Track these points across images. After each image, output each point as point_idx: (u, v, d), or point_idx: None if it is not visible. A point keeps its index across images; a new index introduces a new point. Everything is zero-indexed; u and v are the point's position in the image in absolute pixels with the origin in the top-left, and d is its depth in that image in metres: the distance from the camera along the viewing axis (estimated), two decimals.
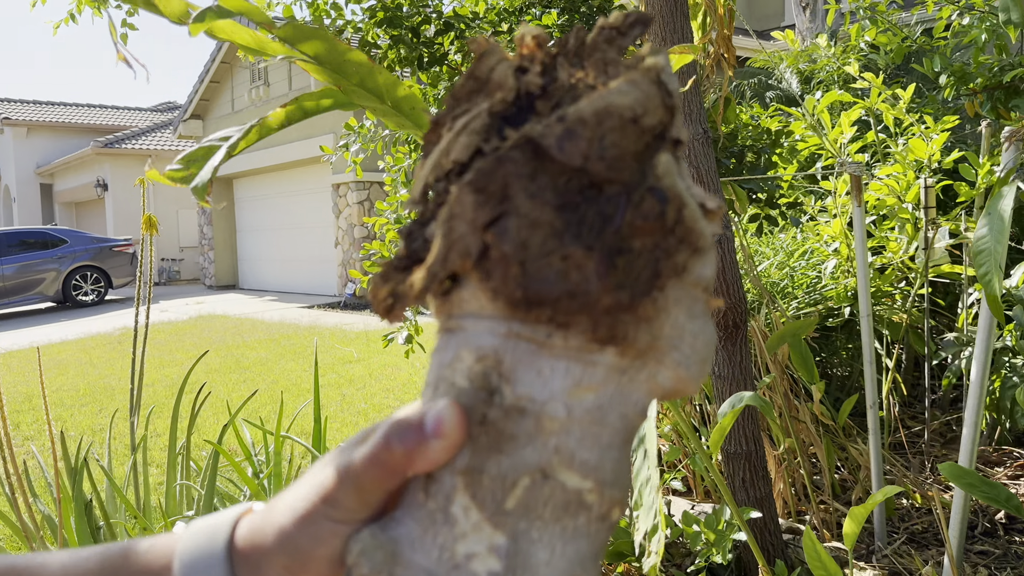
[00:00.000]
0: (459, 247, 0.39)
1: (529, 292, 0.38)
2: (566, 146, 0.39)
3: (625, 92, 0.40)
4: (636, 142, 0.40)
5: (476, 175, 0.40)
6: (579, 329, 0.39)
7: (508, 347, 0.40)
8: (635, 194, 0.39)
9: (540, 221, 0.39)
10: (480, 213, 0.39)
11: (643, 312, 0.39)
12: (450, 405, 0.40)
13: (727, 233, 1.73)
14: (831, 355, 2.96)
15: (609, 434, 0.41)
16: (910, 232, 2.72)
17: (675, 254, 0.39)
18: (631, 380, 0.41)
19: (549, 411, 0.40)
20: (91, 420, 4.92)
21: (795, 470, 2.44)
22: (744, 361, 1.84)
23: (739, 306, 1.77)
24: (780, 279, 2.84)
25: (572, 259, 0.38)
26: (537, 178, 0.39)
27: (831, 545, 2.20)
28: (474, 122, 0.43)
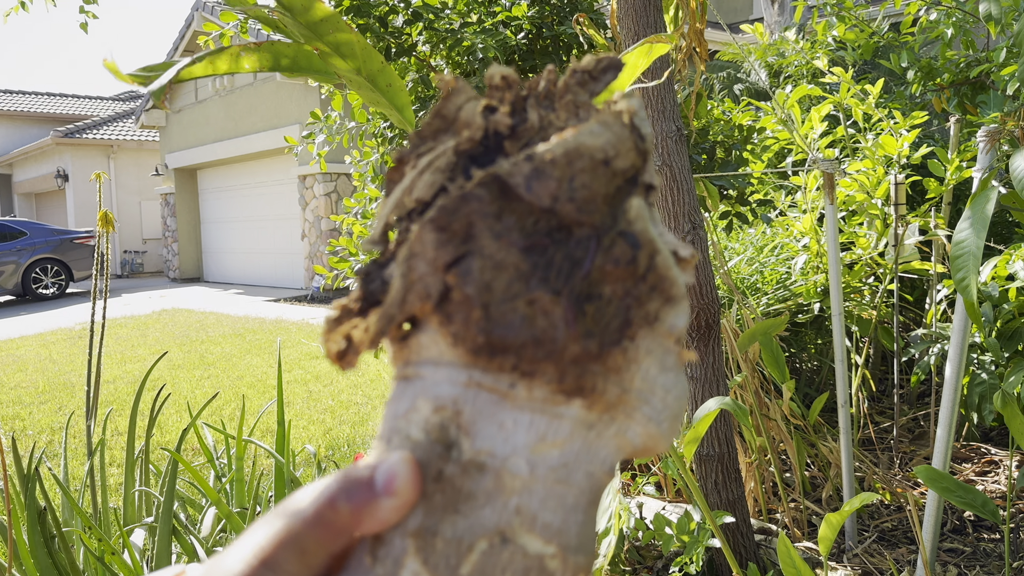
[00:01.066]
0: (418, 288, 0.37)
1: (492, 338, 0.36)
2: (534, 186, 0.37)
3: (597, 134, 0.38)
4: (607, 184, 0.38)
5: (439, 212, 0.38)
6: (544, 379, 0.36)
7: (468, 397, 0.38)
8: (605, 238, 0.37)
9: (505, 263, 0.36)
10: (442, 252, 0.37)
11: (612, 362, 0.37)
12: (403, 460, 0.37)
13: (700, 232, 1.69)
14: (800, 350, 2.96)
15: (575, 494, 0.38)
16: (879, 228, 2.71)
17: (647, 302, 0.37)
18: (599, 436, 0.38)
19: (511, 468, 0.37)
20: (50, 418, 4.80)
21: (765, 469, 2.43)
22: (716, 362, 1.82)
23: (712, 306, 1.74)
24: (750, 275, 2.82)
25: (538, 304, 0.36)
26: (503, 218, 0.37)
27: (802, 545, 2.19)
28: (439, 160, 0.41)
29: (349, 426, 4.35)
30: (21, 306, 12.01)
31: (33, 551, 1.74)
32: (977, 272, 1.27)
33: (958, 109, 2.84)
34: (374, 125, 3.00)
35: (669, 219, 1.68)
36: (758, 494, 2.38)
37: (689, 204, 1.66)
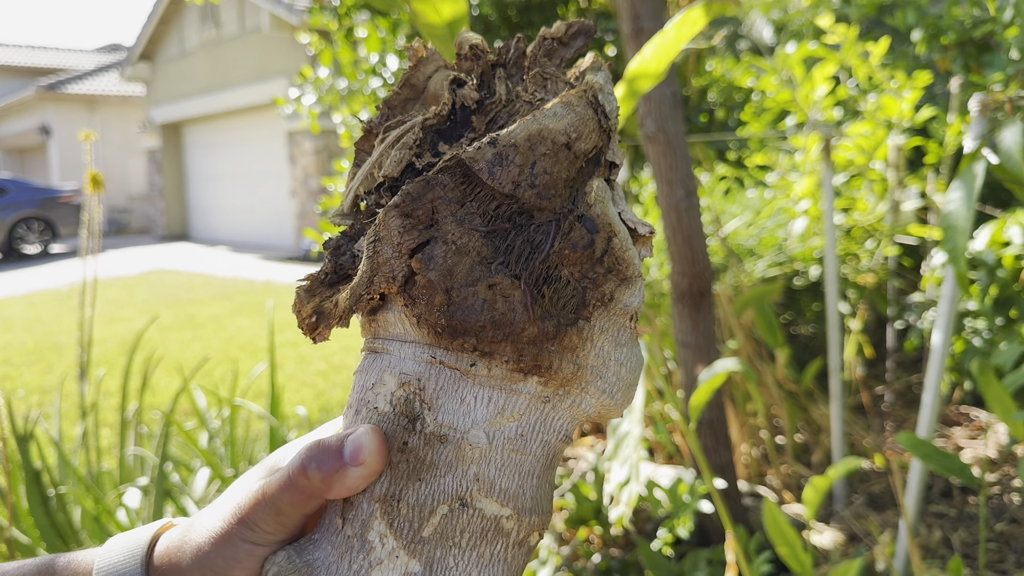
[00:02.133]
0: (384, 271, 0.38)
1: (453, 321, 0.37)
2: (497, 172, 0.38)
3: (559, 116, 0.39)
4: (568, 168, 0.39)
5: (404, 199, 0.38)
6: (503, 359, 0.38)
7: (431, 374, 0.39)
8: (565, 222, 0.39)
9: (467, 248, 0.38)
10: (406, 238, 0.38)
11: (568, 342, 0.39)
12: (370, 431, 0.39)
13: (693, 199, 1.67)
14: (796, 316, 2.95)
15: (530, 462, 0.41)
16: (879, 192, 2.69)
17: (603, 284, 0.39)
18: (554, 408, 0.40)
19: (470, 439, 0.39)
20: (40, 379, 4.78)
21: (756, 433, 2.43)
22: (708, 328, 1.80)
23: (705, 273, 1.73)
24: (747, 239, 2.80)
25: (498, 288, 0.37)
26: (466, 204, 0.39)
27: (792, 509, 2.21)
28: (407, 136, 0.42)
29: (341, 389, 4.35)
30: (5, 264, 11.91)
31: (32, 510, 1.73)
32: (966, 242, 1.26)
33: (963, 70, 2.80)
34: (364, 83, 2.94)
35: (663, 185, 1.65)
36: (749, 459, 2.39)
37: (683, 170, 1.63)
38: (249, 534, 0.41)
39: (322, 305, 0.42)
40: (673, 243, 1.66)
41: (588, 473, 2.26)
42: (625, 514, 1.28)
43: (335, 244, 0.44)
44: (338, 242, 0.44)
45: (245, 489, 0.42)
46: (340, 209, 0.44)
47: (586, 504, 1.91)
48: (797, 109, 2.81)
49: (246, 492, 0.42)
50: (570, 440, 0.42)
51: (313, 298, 0.42)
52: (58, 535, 1.71)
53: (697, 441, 1.31)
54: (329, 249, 0.43)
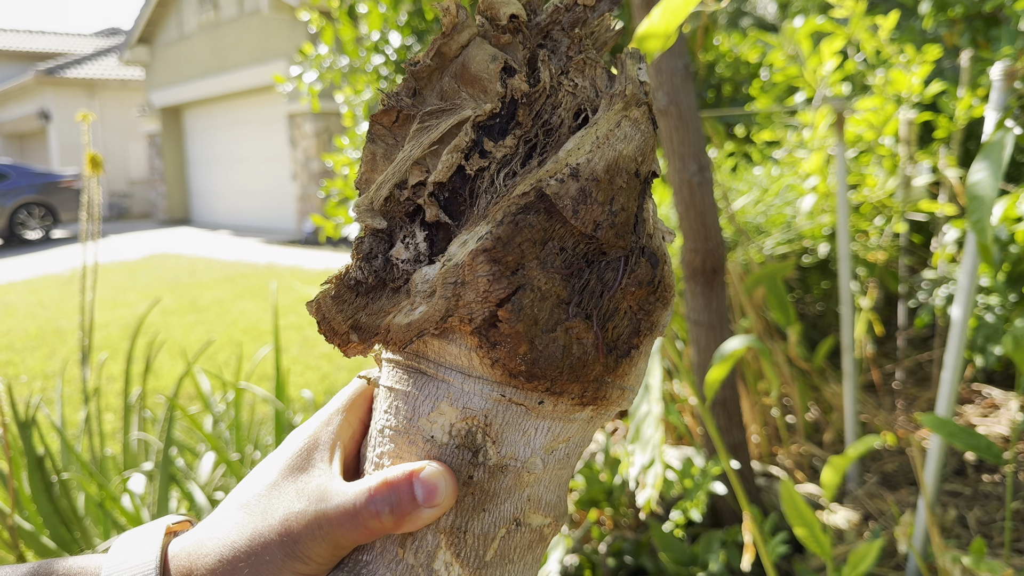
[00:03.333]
0: (463, 313, 0.37)
1: (534, 369, 0.37)
2: (581, 211, 0.37)
3: (629, 139, 0.38)
4: (634, 198, 0.39)
5: (495, 244, 0.36)
6: (570, 397, 0.39)
7: (498, 411, 0.39)
8: (632, 258, 0.39)
9: (550, 293, 0.37)
10: (496, 287, 0.36)
11: (621, 371, 0.39)
12: (443, 472, 0.38)
13: (706, 174, 1.63)
14: (806, 293, 2.92)
15: (569, 473, 0.43)
16: (888, 168, 2.65)
17: (653, 312, 0.40)
18: (594, 425, 0.42)
19: (528, 467, 0.40)
20: (43, 364, 4.76)
21: (768, 412, 2.41)
22: (720, 306, 1.77)
23: (718, 251, 1.69)
24: (755, 216, 2.77)
25: (574, 332, 0.37)
26: (548, 243, 0.37)
27: (805, 489, 2.18)
28: (459, 137, 0.40)
29: (346, 372, 4.33)
30: (7, 250, 11.89)
31: (35, 497, 1.71)
32: (991, 214, 1.23)
33: (970, 44, 2.75)
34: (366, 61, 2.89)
35: (675, 160, 1.61)
36: (761, 438, 2.36)
37: (696, 145, 1.59)
38: (301, 567, 0.39)
39: (358, 319, 0.40)
40: (686, 219, 1.63)
41: (598, 454, 2.24)
42: (652, 496, 1.26)
43: (367, 248, 0.42)
44: (369, 245, 0.42)
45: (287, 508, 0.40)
46: (367, 203, 0.41)
47: (597, 486, 1.89)
48: (805, 84, 2.77)
49: (293, 515, 0.39)
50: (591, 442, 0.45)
51: (344, 307, 0.41)
52: (61, 521, 1.69)
53: (713, 420, 1.28)
54: (361, 255, 0.41)
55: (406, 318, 0.38)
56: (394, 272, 0.41)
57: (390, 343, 0.39)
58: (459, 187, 0.39)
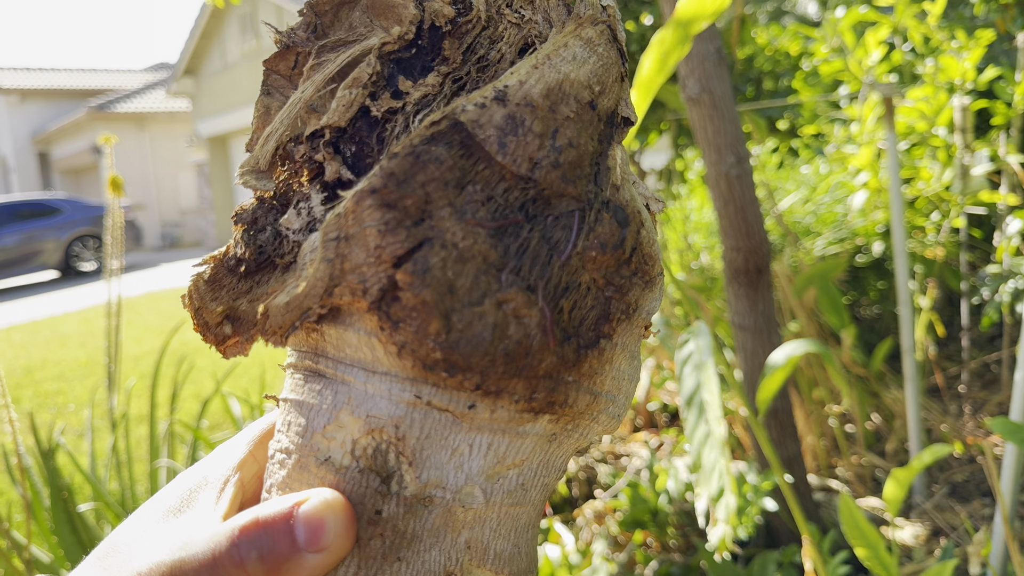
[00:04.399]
0: (351, 281, 0.27)
1: (454, 354, 0.27)
2: (510, 144, 0.27)
3: (580, 60, 0.29)
4: (592, 135, 0.30)
5: (386, 181, 0.26)
6: (512, 398, 0.28)
7: (415, 418, 0.28)
8: (590, 213, 0.29)
9: (471, 252, 0.27)
10: (391, 240, 0.26)
11: (587, 368, 0.29)
12: (332, 503, 0.27)
13: (745, 166, 1.52)
14: (860, 295, 2.77)
15: (528, 512, 0.31)
16: (943, 159, 2.50)
17: (628, 290, 0.30)
18: (559, 446, 0.31)
19: (464, 499, 0.29)
20: (91, 393, 4.80)
21: (825, 422, 2.27)
22: (767, 309, 1.66)
23: (761, 248, 1.58)
24: (804, 216, 2.64)
25: (511, 306, 0.27)
26: (467, 187, 0.27)
27: (867, 503, 2.04)
28: (359, 68, 0.30)
29: None
30: (63, 282, 12.17)
31: (56, 529, 1.67)
32: None
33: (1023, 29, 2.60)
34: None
35: (711, 152, 1.50)
36: (817, 449, 2.23)
37: (732, 134, 1.49)
38: None
39: (236, 306, 0.31)
40: (725, 216, 1.52)
41: (643, 471, 2.13)
42: (727, 534, 1.11)
43: (250, 216, 0.33)
44: (254, 213, 0.33)
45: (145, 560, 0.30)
46: (253, 163, 0.33)
47: (641, 505, 1.78)
48: (850, 78, 2.64)
49: (147, 569, 0.30)
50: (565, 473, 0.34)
51: (221, 294, 0.32)
52: (84, 553, 1.64)
53: (765, 434, 1.17)
54: (243, 224, 0.33)
55: (286, 297, 0.29)
56: (284, 246, 0.32)
57: (269, 333, 0.29)
58: (366, 136, 0.30)
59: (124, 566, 0.30)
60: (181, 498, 0.33)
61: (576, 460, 2.29)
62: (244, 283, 0.32)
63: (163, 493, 0.34)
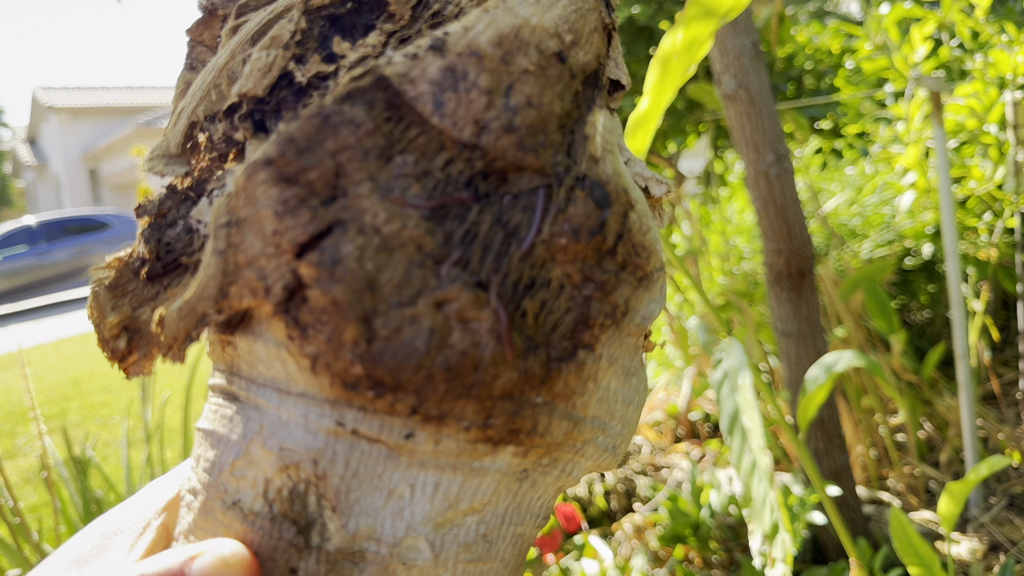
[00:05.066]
0: (248, 278, 0.21)
1: (378, 368, 0.21)
2: (448, 103, 0.22)
3: (546, 3, 0.24)
4: (563, 95, 0.23)
5: (283, 148, 0.21)
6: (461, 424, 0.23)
7: (338, 451, 0.23)
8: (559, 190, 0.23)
9: (399, 239, 0.21)
10: (290, 223, 0.21)
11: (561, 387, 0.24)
12: (230, 558, 0.22)
13: (785, 164, 1.46)
14: (910, 299, 2.68)
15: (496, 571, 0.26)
16: (995, 157, 2.40)
17: (614, 289, 0.24)
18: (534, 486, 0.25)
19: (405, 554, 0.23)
20: (136, 405, 4.87)
21: (875, 431, 2.19)
22: (811, 313, 1.59)
23: (804, 250, 1.51)
24: (850, 218, 2.56)
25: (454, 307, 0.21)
26: (394, 159, 0.21)
27: (920, 516, 1.95)
28: (280, 25, 0.24)
29: None
30: None
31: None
32: None
33: None
34: None
35: (749, 151, 1.45)
36: (867, 460, 2.14)
37: (771, 131, 1.43)
38: None
39: (137, 316, 0.26)
40: (764, 216, 1.46)
41: (684, 483, 2.07)
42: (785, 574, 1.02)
43: (157, 207, 0.28)
44: (163, 205, 0.28)
45: None
46: (164, 147, 0.28)
47: (682, 519, 1.72)
48: (895, 75, 2.56)
49: None
50: (547, 520, 0.26)
51: (122, 302, 0.27)
52: None
53: (806, 449, 1.10)
54: (148, 217, 0.28)
55: (179, 301, 0.24)
56: (195, 242, 0.27)
57: (164, 346, 0.24)
58: (291, 107, 0.25)
59: None
60: (93, 545, 0.29)
61: (615, 472, 2.23)
62: (150, 288, 0.27)
63: (76, 538, 0.30)
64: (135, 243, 0.28)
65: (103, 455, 3.78)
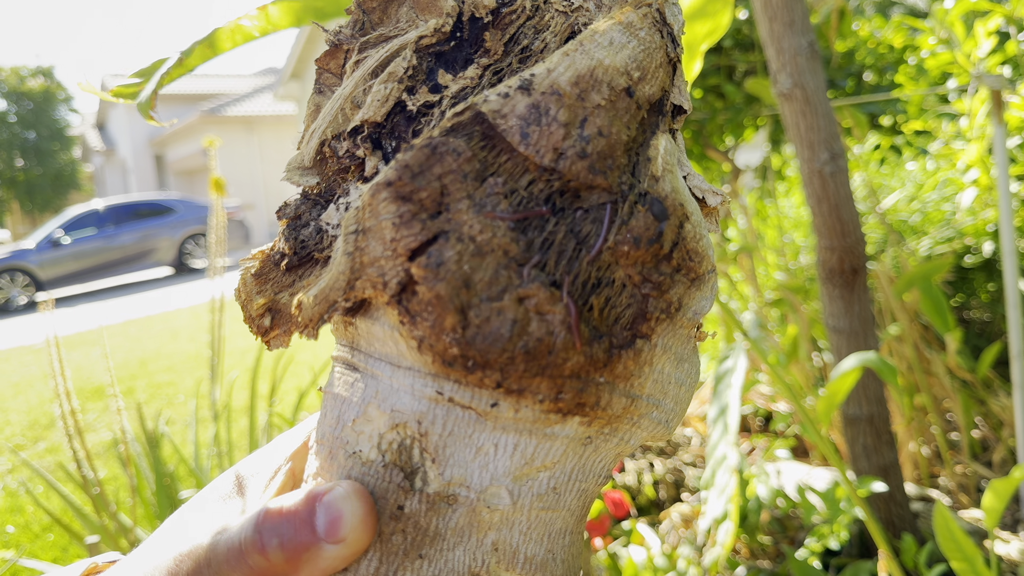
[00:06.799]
0: (370, 275, 0.27)
1: (470, 350, 0.26)
2: (532, 135, 0.27)
3: (617, 45, 0.28)
4: (629, 124, 0.28)
5: (400, 174, 0.26)
6: (536, 398, 0.27)
7: (437, 414, 0.28)
8: (623, 205, 0.28)
9: (490, 245, 0.27)
10: (404, 233, 0.26)
11: (621, 370, 0.28)
12: (352, 494, 0.27)
13: (840, 163, 1.47)
14: (969, 298, 2.64)
15: (563, 518, 0.30)
16: None
17: (669, 288, 0.29)
18: (596, 450, 0.30)
19: (488, 500, 0.29)
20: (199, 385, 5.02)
21: (927, 429, 2.18)
22: (863, 311, 1.60)
23: (857, 248, 1.52)
24: (909, 214, 2.53)
25: (533, 302, 0.27)
26: (488, 179, 0.27)
27: (970, 515, 1.95)
28: (395, 63, 0.30)
29: None
30: (176, 279, 12.76)
31: (161, 514, 1.75)
32: None
33: None
34: None
35: (804, 149, 1.46)
36: (919, 458, 2.14)
37: (826, 130, 1.44)
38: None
39: (278, 299, 0.32)
40: (818, 214, 1.48)
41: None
42: (720, 557, 1.09)
43: (294, 211, 0.33)
44: (298, 209, 0.33)
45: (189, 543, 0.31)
46: (299, 160, 0.33)
47: None
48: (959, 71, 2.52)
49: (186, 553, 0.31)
50: (609, 480, 0.32)
51: (265, 287, 0.32)
52: None
53: (831, 444, 1.13)
54: (287, 219, 0.33)
55: (315, 290, 0.29)
56: (324, 241, 0.32)
57: (301, 325, 0.30)
58: (403, 131, 0.30)
59: (169, 546, 0.32)
60: (234, 485, 0.34)
61: (664, 462, 2.26)
62: (287, 277, 0.32)
63: (220, 479, 0.36)
64: (276, 239, 0.34)
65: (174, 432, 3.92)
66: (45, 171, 23.47)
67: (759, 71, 2.39)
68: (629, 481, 2.12)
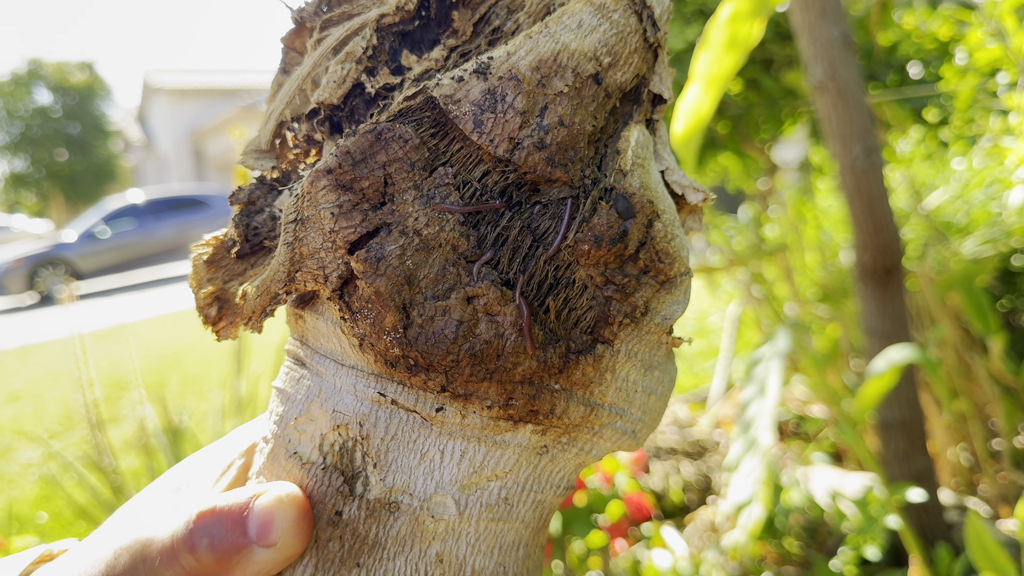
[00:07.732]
0: (310, 267, 0.25)
1: (412, 350, 0.24)
2: (486, 122, 0.24)
3: (586, 28, 0.25)
4: (596, 114, 0.26)
5: (341, 161, 0.24)
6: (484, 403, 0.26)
7: (380, 417, 0.26)
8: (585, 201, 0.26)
9: (437, 240, 0.24)
10: (344, 224, 0.24)
11: (579, 376, 0.26)
12: (285, 498, 0.26)
13: (873, 158, 1.41)
14: (1016, 300, 2.55)
15: (516, 530, 0.28)
16: None
17: (634, 291, 0.27)
18: (553, 460, 0.28)
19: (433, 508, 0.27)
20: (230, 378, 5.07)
21: (967, 436, 2.10)
22: (898, 312, 1.54)
23: (891, 246, 1.46)
24: (954, 213, 2.45)
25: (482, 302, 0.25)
26: (437, 170, 0.25)
27: (1009, 525, 1.87)
28: (354, 41, 0.28)
29: None
30: None
31: None
32: None
33: None
34: None
35: (836, 143, 1.41)
36: (958, 465, 2.06)
37: (860, 124, 1.38)
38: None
39: (227, 288, 0.30)
40: (852, 210, 1.42)
41: None
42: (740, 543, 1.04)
43: (247, 197, 0.31)
44: (252, 194, 0.32)
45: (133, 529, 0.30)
46: (256, 143, 0.31)
47: None
48: (1009, 66, 2.43)
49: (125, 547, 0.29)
50: (571, 490, 0.29)
51: (216, 275, 0.31)
52: None
53: (865, 446, 1.08)
54: (240, 203, 0.31)
55: (257, 280, 0.27)
56: (277, 228, 0.30)
57: (244, 316, 0.28)
58: (362, 114, 0.28)
59: (113, 537, 0.30)
60: (187, 477, 0.33)
61: (693, 464, 2.21)
62: (239, 265, 0.30)
63: (174, 470, 0.34)
64: (229, 225, 0.32)
65: (200, 425, 3.95)
66: (87, 164, 23.89)
67: (797, 63, 2.32)
68: (655, 485, 2.07)
